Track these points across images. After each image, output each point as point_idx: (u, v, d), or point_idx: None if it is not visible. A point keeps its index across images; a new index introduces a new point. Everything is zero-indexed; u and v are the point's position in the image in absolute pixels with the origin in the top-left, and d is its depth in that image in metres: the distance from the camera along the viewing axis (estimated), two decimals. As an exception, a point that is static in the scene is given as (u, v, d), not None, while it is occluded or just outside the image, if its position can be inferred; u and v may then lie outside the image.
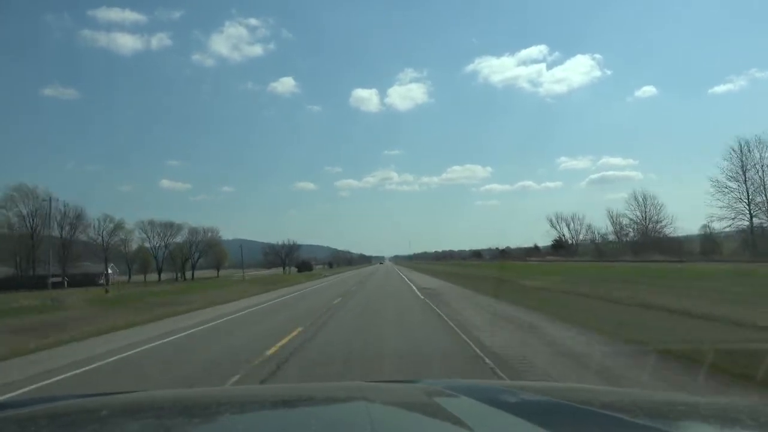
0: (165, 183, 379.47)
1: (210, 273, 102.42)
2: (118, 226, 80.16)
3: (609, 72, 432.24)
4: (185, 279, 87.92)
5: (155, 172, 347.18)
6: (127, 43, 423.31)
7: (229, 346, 11.17)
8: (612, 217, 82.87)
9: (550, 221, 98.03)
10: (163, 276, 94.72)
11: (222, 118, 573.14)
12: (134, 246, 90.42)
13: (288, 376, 7.37)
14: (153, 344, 11.59)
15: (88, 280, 71.45)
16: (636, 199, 78.42)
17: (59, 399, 1.94)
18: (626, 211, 79.43)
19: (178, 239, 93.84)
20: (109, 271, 78.99)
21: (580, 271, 36.19)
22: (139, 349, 10.88)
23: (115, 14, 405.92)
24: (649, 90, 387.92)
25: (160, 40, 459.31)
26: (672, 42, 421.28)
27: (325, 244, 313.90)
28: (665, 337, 8.83)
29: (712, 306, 11.90)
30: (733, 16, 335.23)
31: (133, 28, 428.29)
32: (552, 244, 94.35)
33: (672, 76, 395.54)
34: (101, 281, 72.54)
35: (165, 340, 12.11)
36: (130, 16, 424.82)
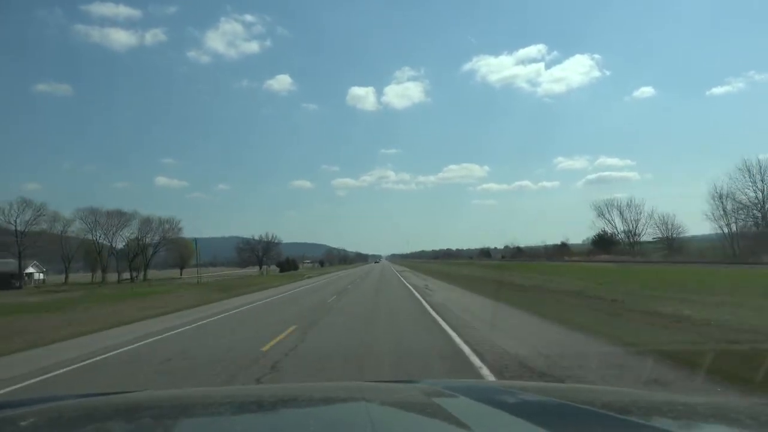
0: (161, 180, 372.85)
1: (174, 272, 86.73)
2: (40, 214, 62.11)
3: (608, 72, 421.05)
4: (133, 280, 70.97)
5: (151, 169, 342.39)
6: (121, 38, 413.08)
7: None
8: (718, 197, 52.86)
9: (599, 209, 72.98)
10: (115, 275, 79.07)
11: (218, 115, 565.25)
12: (80, 239, 74.23)
13: None
14: None
15: (2, 282, 56.29)
16: (748, 169, 51.74)
17: (59, 399, 1.90)
18: (735, 190, 52.30)
19: (130, 232, 76.51)
20: (31, 269, 63.36)
21: (735, 284, 20.63)
22: None
23: (108, 9, 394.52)
24: (647, 91, 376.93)
25: (154, 36, 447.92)
26: (671, 43, 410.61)
27: (322, 242, 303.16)
28: None
29: None
30: (732, 18, 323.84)
31: (127, 24, 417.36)
32: (595, 240, 73.16)
33: (670, 77, 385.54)
34: (20, 283, 57.25)
35: None
36: (123, 11, 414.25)
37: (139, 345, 11.68)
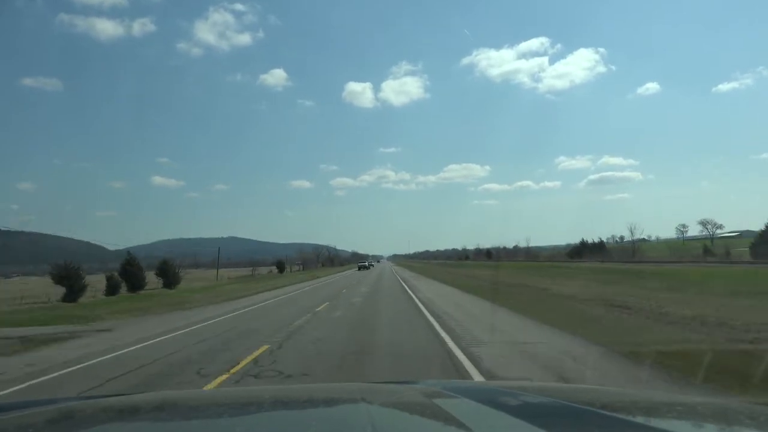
0: (157, 180, 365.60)
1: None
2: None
3: (613, 67, 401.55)
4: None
5: (146, 168, 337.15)
6: (107, 29, 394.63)
7: None
8: None
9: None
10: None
11: (212, 113, 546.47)
12: None
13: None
14: None
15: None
16: None
17: (60, 401, 1.89)
18: None
19: None
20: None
21: None
22: None
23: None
24: (652, 87, 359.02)
25: (142, 26, 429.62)
26: (678, 37, 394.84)
27: (323, 243, 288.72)
28: None
29: None
30: (740, 13, 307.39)
31: (113, 13, 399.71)
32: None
33: (676, 73, 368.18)
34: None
35: None
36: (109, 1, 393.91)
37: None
